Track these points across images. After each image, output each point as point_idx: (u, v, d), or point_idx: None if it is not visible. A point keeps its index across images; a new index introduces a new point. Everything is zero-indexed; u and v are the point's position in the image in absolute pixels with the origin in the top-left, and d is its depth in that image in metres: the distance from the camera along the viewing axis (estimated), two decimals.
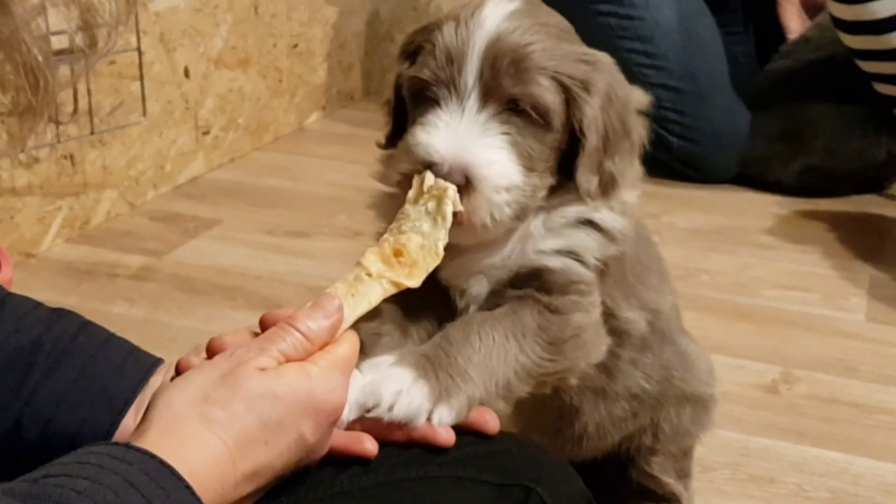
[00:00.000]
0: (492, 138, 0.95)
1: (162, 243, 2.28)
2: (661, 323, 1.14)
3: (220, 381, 0.77)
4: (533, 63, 0.96)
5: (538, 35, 0.98)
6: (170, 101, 2.55)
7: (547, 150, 0.98)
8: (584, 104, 0.98)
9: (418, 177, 0.94)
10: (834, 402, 1.75)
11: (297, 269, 2.17)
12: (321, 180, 2.72)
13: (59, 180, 2.22)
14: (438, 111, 0.96)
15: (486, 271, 1.02)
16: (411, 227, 0.92)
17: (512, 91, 0.95)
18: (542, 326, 0.98)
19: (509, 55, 0.95)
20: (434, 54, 0.97)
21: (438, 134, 0.95)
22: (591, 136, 0.99)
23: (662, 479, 1.25)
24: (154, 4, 2.43)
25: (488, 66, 0.95)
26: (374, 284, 0.89)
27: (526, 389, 0.98)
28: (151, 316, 1.95)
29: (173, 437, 0.73)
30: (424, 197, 0.93)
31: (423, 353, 0.94)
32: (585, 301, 1.01)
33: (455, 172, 0.93)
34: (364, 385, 0.88)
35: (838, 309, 2.09)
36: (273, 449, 0.77)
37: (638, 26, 2.73)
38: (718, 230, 2.49)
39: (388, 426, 0.88)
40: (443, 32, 0.97)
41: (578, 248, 1.01)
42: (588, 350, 1.02)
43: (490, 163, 0.94)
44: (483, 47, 0.95)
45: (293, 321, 0.83)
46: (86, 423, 0.97)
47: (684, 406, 1.21)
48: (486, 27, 0.96)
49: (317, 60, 3.18)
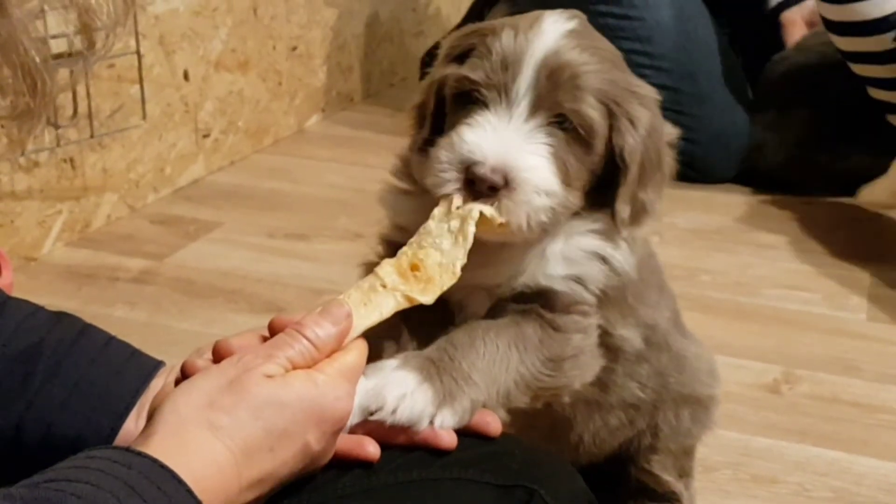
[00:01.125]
0: (536, 146, 0.95)
1: (162, 246, 2.28)
2: (657, 336, 1.15)
3: (226, 387, 0.77)
4: (587, 82, 0.97)
5: (594, 57, 0.99)
6: (169, 104, 2.54)
7: (584, 171, 0.99)
8: (629, 135, 0.99)
9: (446, 199, 0.94)
10: (836, 402, 1.74)
11: (298, 272, 2.16)
12: (321, 182, 2.72)
13: (59, 184, 2.22)
14: (487, 114, 0.96)
15: (490, 290, 1.02)
16: (431, 243, 0.92)
17: (564, 105, 0.96)
18: (543, 342, 0.98)
19: (567, 70, 0.96)
20: (489, 58, 0.97)
21: (485, 135, 0.95)
22: (633, 167, 1.00)
23: (662, 477, 1.25)
24: (153, 7, 2.43)
25: (544, 76, 0.96)
26: (388, 296, 0.89)
27: (524, 401, 0.98)
28: (152, 319, 1.95)
29: (178, 442, 0.73)
30: (449, 216, 0.92)
31: (427, 356, 0.93)
32: (586, 322, 1.02)
33: (496, 173, 0.93)
34: (368, 389, 0.88)
35: (840, 308, 2.08)
36: (278, 456, 0.77)
37: (637, 26, 2.72)
38: (719, 230, 2.49)
39: (391, 429, 0.88)
40: (500, 38, 0.97)
41: (585, 276, 1.02)
42: (584, 371, 1.03)
43: (532, 167, 0.94)
44: (541, 58, 0.96)
45: (301, 328, 0.83)
46: (87, 426, 0.97)
47: (682, 407, 1.21)
48: (545, 39, 0.97)
49: (316, 63, 3.18)
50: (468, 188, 0.94)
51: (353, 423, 0.87)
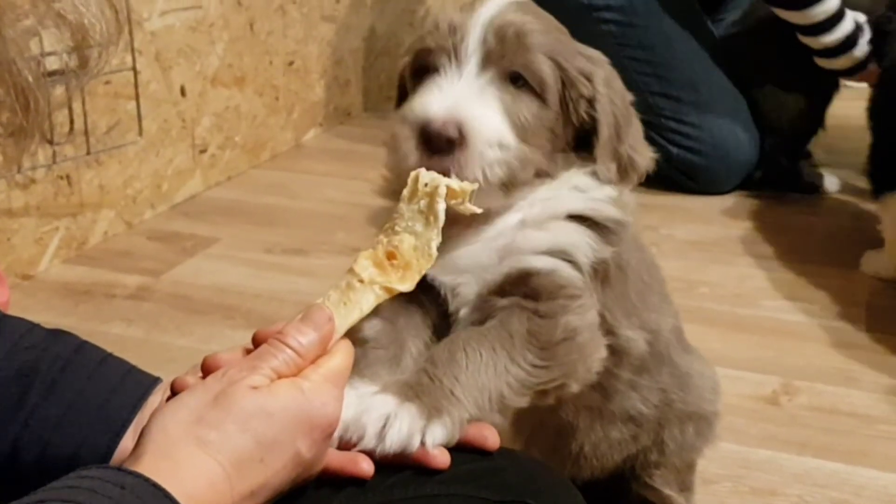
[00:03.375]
0: (485, 98, 0.98)
1: (160, 263, 2.28)
2: (659, 345, 1.14)
3: (212, 402, 0.77)
4: (534, 39, 1.01)
5: (539, 21, 1.03)
6: (166, 120, 2.55)
7: (541, 127, 1.01)
8: (584, 87, 1.02)
9: (413, 174, 0.93)
10: (835, 413, 1.74)
11: (295, 288, 2.16)
12: (319, 197, 2.72)
13: (55, 201, 2.22)
14: (437, 77, 0.99)
15: (474, 271, 1.01)
16: (405, 227, 0.91)
17: (513, 60, 0.99)
18: (531, 332, 0.97)
19: (512, 28, 1.00)
20: (437, 27, 1.01)
21: (434, 94, 0.97)
22: (604, 125, 1.03)
23: (664, 491, 1.24)
24: (149, 23, 2.43)
25: (491, 36, 0.99)
26: (367, 291, 0.88)
27: (523, 401, 0.96)
28: (150, 336, 1.95)
29: (169, 461, 0.73)
30: (417, 195, 0.92)
31: (405, 381, 0.92)
32: (575, 304, 0.99)
33: (449, 125, 0.95)
34: (347, 420, 0.86)
35: (838, 319, 2.08)
36: (269, 467, 0.77)
37: (640, 34, 2.73)
38: (717, 241, 2.49)
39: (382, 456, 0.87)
40: (449, 13, 1.02)
41: (568, 246, 1.01)
42: (584, 353, 1.00)
43: (482, 117, 0.96)
44: (487, 19, 1.00)
45: (283, 337, 0.82)
46: (84, 444, 0.96)
47: (687, 424, 1.21)
48: (490, 6, 1.02)
49: (313, 77, 3.19)
50: (426, 150, 0.96)
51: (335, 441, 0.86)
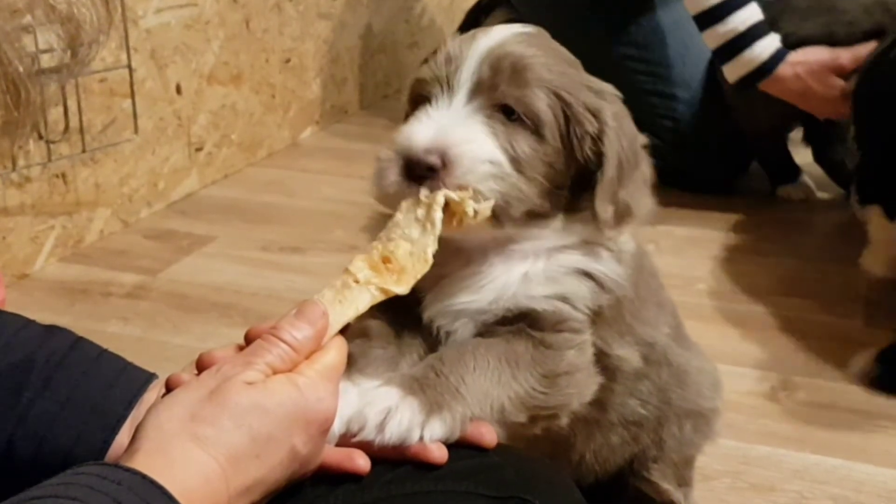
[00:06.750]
0: (471, 125, 0.95)
1: (156, 261, 2.27)
2: (656, 353, 1.13)
3: (207, 398, 0.77)
4: (533, 73, 0.97)
5: (543, 53, 0.99)
6: (162, 118, 2.54)
7: (538, 162, 0.98)
8: (589, 125, 0.99)
9: (413, 196, 0.93)
10: (833, 409, 1.74)
11: (292, 286, 2.15)
12: (316, 195, 2.72)
13: (51, 199, 2.21)
14: (428, 107, 0.97)
15: (472, 316, 1.01)
16: (400, 234, 0.91)
17: (505, 93, 0.96)
18: (535, 359, 0.97)
19: (508, 60, 0.97)
20: (436, 58, 0.99)
21: (420, 123, 0.95)
22: (609, 166, 0.99)
23: (662, 485, 1.23)
24: (144, 21, 2.43)
25: (486, 67, 0.96)
26: (363, 291, 0.88)
27: (520, 418, 0.96)
28: (146, 334, 1.94)
29: (164, 457, 0.73)
30: (416, 205, 0.92)
31: (411, 374, 0.92)
32: (578, 339, 1.00)
33: (430, 153, 0.93)
34: (348, 413, 0.87)
35: (836, 314, 2.08)
36: (265, 463, 0.77)
37: (634, 31, 2.72)
38: (715, 238, 2.48)
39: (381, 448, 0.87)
40: (450, 43, 1.00)
41: (570, 294, 1.01)
42: (581, 390, 1.01)
43: (468, 143, 0.94)
44: (485, 51, 0.97)
45: (277, 332, 0.82)
46: (80, 440, 0.96)
47: (685, 421, 1.20)
48: (491, 37, 0.99)
49: (310, 75, 3.18)
50: (409, 178, 0.93)
51: (334, 437, 0.86)
